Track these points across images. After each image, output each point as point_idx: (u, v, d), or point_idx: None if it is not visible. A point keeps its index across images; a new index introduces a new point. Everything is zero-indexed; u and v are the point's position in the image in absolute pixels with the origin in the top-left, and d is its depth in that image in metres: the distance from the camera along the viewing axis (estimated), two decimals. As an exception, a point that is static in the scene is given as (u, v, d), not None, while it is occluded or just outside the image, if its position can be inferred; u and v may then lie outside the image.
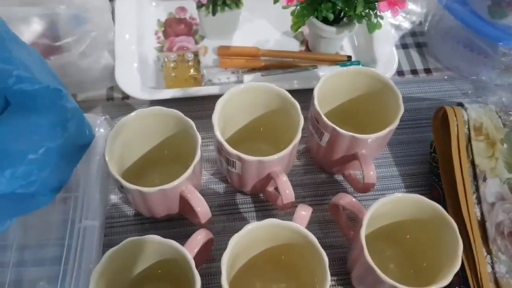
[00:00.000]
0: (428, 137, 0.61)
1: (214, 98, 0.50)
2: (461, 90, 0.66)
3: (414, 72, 0.68)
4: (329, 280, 0.41)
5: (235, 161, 0.48)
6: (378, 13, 0.57)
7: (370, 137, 0.49)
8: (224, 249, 0.52)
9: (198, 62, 0.63)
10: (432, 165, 0.57)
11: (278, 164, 0.48)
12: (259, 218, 0.55)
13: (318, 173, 0.58)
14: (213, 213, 0.48)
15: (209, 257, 0.52)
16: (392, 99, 0.51)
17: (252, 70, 0.64)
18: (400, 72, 0.67)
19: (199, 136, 0.47)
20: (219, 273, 0.51)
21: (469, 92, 0.66)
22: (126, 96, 0.63)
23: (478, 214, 0.51)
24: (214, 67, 0.65)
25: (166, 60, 0.63)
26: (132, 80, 0.60)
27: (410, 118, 0.63)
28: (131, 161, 0.52)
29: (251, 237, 0.44)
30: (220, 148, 0.48)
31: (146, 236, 0.42)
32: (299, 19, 0.57)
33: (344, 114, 0.55)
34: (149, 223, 0.54)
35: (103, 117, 0.52)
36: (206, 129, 0.55)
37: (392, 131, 0.49)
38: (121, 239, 0.42)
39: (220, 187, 0.57)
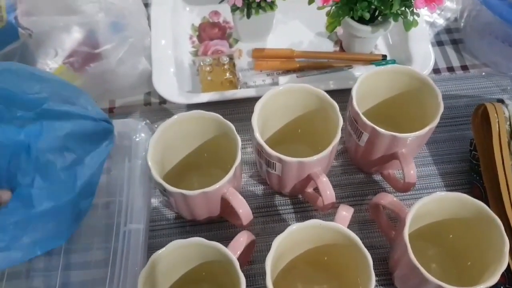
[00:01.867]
0: (467, 135, 0.60)
1: (250, 101, 0.50)
2: (500, 86, 0.65)
3: (450, 69, 0.67)
4: (374, 281, 0.41)
5: (275, 163, 0.48)
6: (415, 11, 0.57)
7: (410, 136, 0.48)
8: (264, 251, 0.53)
9: (234, 65, 0.64)
10: (472, 163, 0.57)
11: (318, 165, 0.49)
12: (298, 219, 0.55)
13: (356, 173, 0.58)
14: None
15: (250, 259, 0.52)
16: (431, 97, 0.50)
17: (287, 72, 0.64)
18: (436, 70, 0.66)
19: (239, 139, 0.48)
20: (259, 274, 0.52)
21: (508, 88, 0.64)
22: (163, 101, 0.64)
23: (523, 212, 0.50)
24: (249, 69, 0.65)
25: (202, 64, 0.64)
26: (169, 85, 0.61)
27: (448, 116, 0.62)
28: (171, 164, 0.53)
29: (294, 238, 0.44)
30: (260, 150, 0.49)
31: (191, 238, 0.43)
32: (334, 19, 0.57)
33: (382, 113, 0.54)
34: (190, 225, 0.55)
35: (144, 122, 0.53)
36: (242, 132, 0.55)
37: (432, 129, 0.49)
38: (163, 242, 0.42)
39: (258, 189, 0.57)
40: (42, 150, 0.43)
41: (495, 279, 0.41)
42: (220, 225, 0.55)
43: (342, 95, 0.52)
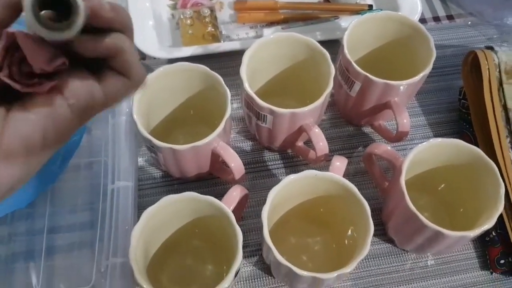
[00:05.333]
0: (455, 85, 0.60)
1: (233, 55, 0.49)
2: (486, 35, 0.64)
3: (436, 19, 0.66)
4: (372, 229, 0.40)
5: (266, 115, 0.47)
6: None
7: (403, 84, 0.47)
8: (255, 206, 0.52)
9: (215, 18, 0.61)
10: (462, 112, 0.56)
11: (310, 116, 0.47)
12: (289, 173, 0.53)
13: (345, 126, 0.57)
14: (242, 171, 0.47)
15: (242, 215, 0.51)
16: (423, 44, 0.49)
17: (271, 24, 0.62)
18: (422, 20, 0.65)
19: (228, 91, 0.46)
20: (251, 230, 0.51)
21: (494, 37, 0.64)
22: (143, 57, 0.61)
23: (513, 158, 0.50)
24: (231, 22, 0.63)
25: (182, 17, 0.61)
26: (148, 39, 0.58)
27: (435, 66, 0.60)
28: (156, 121, 0.51)
29: (289, 189, 0.43)
30: (249, 103, 0.47)
31: (184, 193, 0.41)
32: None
33: (372, 62, 0.53)
34: (178, 184, 0.53)
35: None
36: (228, 88, 0.53)
37: (425, 76, 0.48)
38: (151, 201, 0.41)
39: (246, 145, 0.56)
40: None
41: (492, 222, 0.41)
42: (210, 182, 0.53)
43: (329, 47, 0.50)
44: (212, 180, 0.53)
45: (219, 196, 0.43)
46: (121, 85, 0.27)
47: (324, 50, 0.48)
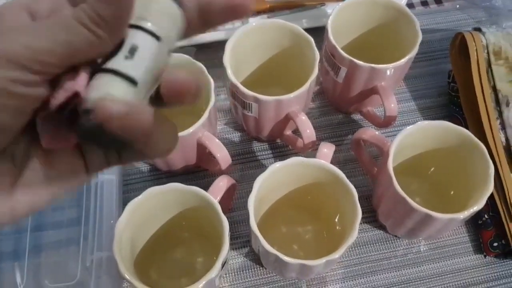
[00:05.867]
0: (444, 69, 0.59)
1: (218, 45, 0.48)
2: (474, 18, 0.64)
3: (424, 3, 0.65)
4: (360, 213, 0.40)
5: (251, 104, 0.46)
6: None
7: (389, 67, 0.46)
8: (244, 197, 0.51)
9: (200, 9, 0.60)
10: (451, 96, 0.56)
11: (296, 103, 0.47)
12: (278, 163, 0.54)
13: (334, 114, 0.57)
14: (230, 162, 0.47)
15: (231, 206, 0.50)
16: (408, 26, 0.49)
17: (257, 13, 0.61)
18: (410, 5, 0.64)
19: (211, 80, 0.45)
20: (240, 221, 0.50)
21: (483, 19, 0.63)
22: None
23: (503, 139, 0.49)
24: (216, 13, 0.62)
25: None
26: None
27: (424, 51, 0.60)
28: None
29: (276, 177, 0.42)
30: (234, 92, 0.46)
31: (168, 184, 0.40)
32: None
33: (358, 48, 0.52)
34: (166, 177, 0.52)
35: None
36: (214, 79, 0.52)
37: (411, 59, 0.47)
38: (138, 195, 0.40)
39: (235, 136, 0.55)
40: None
41: (481, 203, 0.40)
42: (198, 175, 0.53)
43: (315, 34, 0.50)
44: (201, 172, 0.53)
45: (208, 188, 0.43)
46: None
47: (308, 36, 0.47)
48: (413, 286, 0.47)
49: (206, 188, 0.42)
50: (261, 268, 0.48)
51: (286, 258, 0.38)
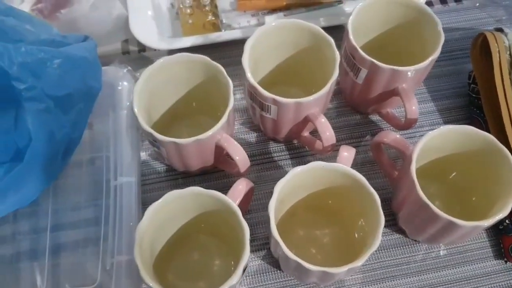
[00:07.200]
0: (463, 69, 0.58)
1: (235, 44, 0.47)
2: (494, 17, 0.62)
3: (443, 1, 0.64)
4: (383, 220, 0.39)
5: (270, 106, 0.45)
6: None
7: (411, 69, 0.46)
8: (261, 199, 0.51)
9: (215, 6, 0.59)
10: (471, 97, 0.55)
11: (315, 106, 0.46)
12: (295, 165, 0.52)
13: (352, 115, 0.56)
14: (247, 163, 0.46)
15: (248, 209, 0.50)
16: (430, 27, 0.48)
17: (273, 11, 0.60)
18: (429, 3, 0.63)
19: (230, 81, 0.44)
20: (258, 224, 0.50)
21: (503, 18, 0.62)
22: (142, 49, 0.59)
23: (526, 143, 0.48)
24: (232, 10, 0.61)
25: (181, 6, 0.59)
26: (147, 30, 0.57)
27: (443, 50, 0.58)
28: (158, 115, 0.50)
29: (296, 181, 0.42)
30: (252, 93, 0.46)
31: (188, 188, 0.40)
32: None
33: (379, 48, 0.51)
34: (182, 178, 0.52)
35: (126, 69, 0.49)
36: (230, 78, 0.52)
37: (433, 61, 0.47)
38: (156, 196, 0.40)
39: (251, 136, 0.55)
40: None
41: (507, 210, 0.40)
42: (214, 176, 0.52)
43: (333, 33, 0.49)
44: (217, 173, 0.52)
45: (225, 189, 0.42)
46: None
47: (329, 37, 0.46)
48: (432, 291, 0.47)
49: (223, 189, 0.41)
50: (279, 271, 0.47)
51: (308, 266, 0.37)
